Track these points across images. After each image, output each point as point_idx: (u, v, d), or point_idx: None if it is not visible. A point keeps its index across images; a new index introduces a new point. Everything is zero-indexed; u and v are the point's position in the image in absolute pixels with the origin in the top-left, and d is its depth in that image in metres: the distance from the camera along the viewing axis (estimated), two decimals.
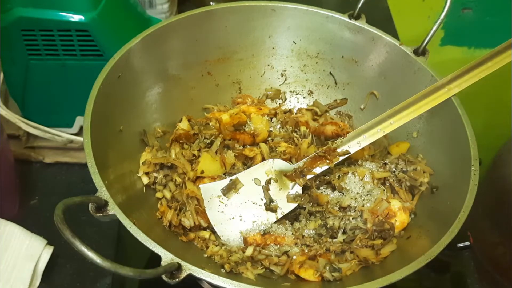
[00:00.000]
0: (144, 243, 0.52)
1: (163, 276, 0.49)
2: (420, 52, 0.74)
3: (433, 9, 1.30)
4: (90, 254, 0.45)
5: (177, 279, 0.50)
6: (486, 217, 0.89)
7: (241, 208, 0.69)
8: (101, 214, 0.54)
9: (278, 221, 0.69)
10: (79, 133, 0.84)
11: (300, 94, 0.86)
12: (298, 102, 0.86)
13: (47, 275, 0.71)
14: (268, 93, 0.86)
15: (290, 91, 0.86)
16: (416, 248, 0.61)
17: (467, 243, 0.73)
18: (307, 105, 0.85)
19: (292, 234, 0.67)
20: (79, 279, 0.72)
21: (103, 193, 0.55)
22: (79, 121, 0.84)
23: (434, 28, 0.73)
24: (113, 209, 0.54)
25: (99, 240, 0.75)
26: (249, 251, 0.64)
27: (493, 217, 0.89)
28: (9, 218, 0.72)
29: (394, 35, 1.02)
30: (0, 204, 0.72)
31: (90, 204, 0.54)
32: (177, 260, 0.50)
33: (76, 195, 0.52)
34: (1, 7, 0.71)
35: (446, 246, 0.56)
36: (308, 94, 0.86)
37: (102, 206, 0.54)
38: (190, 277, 0.51)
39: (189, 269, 0.50)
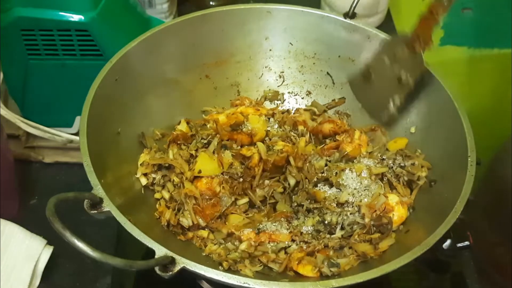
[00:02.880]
0: (138, 238, 0.52)
1: (156, 269, 0.49)
2: None
3: None
4: (81, 245, 0.45)
5: (171, 273, 0.49)
6: (486, 217, 0.89)
7: None
8: (95, 211, 0.54)
9: (272, 219, 0.68)
10: (79, 133, 0.84)
11: (298, 95, 0.86)
12: (296, 103, 0.86)
13: (47, 275, 0.71)
14: (267, 94, 0.86)
15: (289, 92, 0.86)
16: (414, 242, 0.60)
17: (467, 243, 0.72)
18: (306, 105, 0.85)
19: (287, 230, 0.67)
20: (79, 279, 0.72)
21: (98, 190, 0.55)
22: (78, 121, 0.84)
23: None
24: (108, 206, 0.54)
25: (99, 240, 0.75)
26: (243, 246, 0.64)
27: (493, 217, 0.88)
28: (9, 218, 0.72)
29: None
30: (0, 204, 0.73)
31: (85, 201, 0.54)
32: (171, 254, 0.50)
33: None
34: (1, 7, 0.71)
35: (446, 246, 0.56)
36: (306, 94, 0.86)
37: (97, 203, 0.54)
38: (188, 275, 0.51)
39: (182, 262, 0.50)
